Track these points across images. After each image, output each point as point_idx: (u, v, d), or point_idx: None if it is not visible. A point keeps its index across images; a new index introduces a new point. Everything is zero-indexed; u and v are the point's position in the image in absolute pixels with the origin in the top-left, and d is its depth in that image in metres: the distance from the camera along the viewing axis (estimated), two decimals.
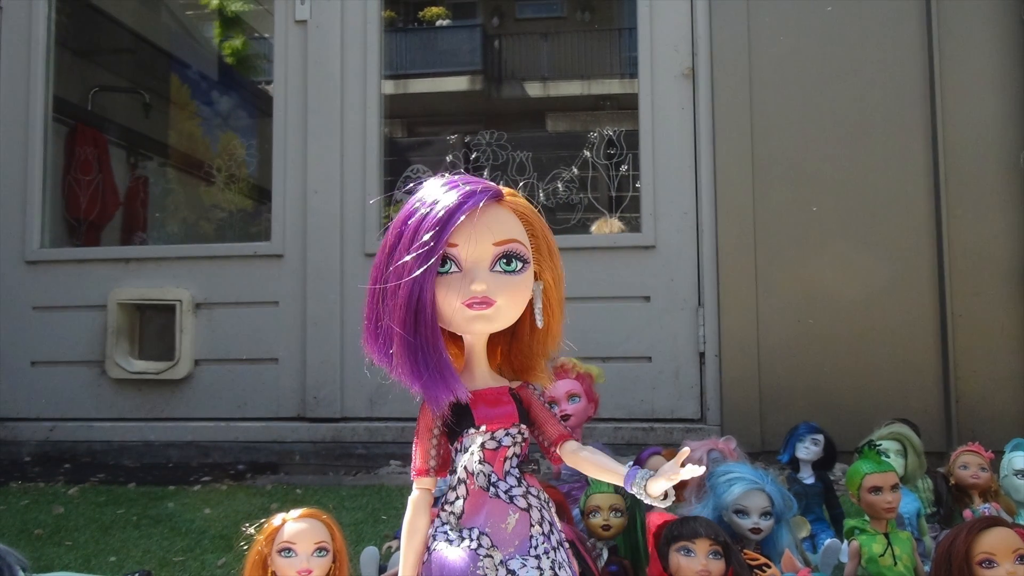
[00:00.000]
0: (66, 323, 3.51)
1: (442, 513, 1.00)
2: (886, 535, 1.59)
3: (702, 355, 3.19)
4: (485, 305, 0.96)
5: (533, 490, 1.01)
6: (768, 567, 1.49)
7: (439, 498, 1.03)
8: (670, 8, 3.32)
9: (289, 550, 1.25)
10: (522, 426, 1.02)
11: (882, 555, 1.57)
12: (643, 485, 0.91)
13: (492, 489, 0.99)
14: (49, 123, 3.70)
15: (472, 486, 0.99)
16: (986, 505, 1.91)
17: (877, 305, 3.07)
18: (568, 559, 1.00)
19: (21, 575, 1.42)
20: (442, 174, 1.00)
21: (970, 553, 1.24)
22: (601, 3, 6.05)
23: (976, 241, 3.04)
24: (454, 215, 0.93)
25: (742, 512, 1.60)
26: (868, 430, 2.04)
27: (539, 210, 1.04)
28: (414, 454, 1.02)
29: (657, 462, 1.86)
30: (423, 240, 0.93)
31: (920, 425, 2.10)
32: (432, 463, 1.01)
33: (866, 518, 1.63)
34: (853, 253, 3.10)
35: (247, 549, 1.28)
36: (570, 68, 5.93)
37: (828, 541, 1.79)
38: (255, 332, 3.43)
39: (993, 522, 1.28)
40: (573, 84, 5.77)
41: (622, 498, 1.61)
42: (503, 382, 1.05)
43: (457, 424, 1.00)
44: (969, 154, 3.06)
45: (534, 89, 5.99)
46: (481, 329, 1.00)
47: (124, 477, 3.06)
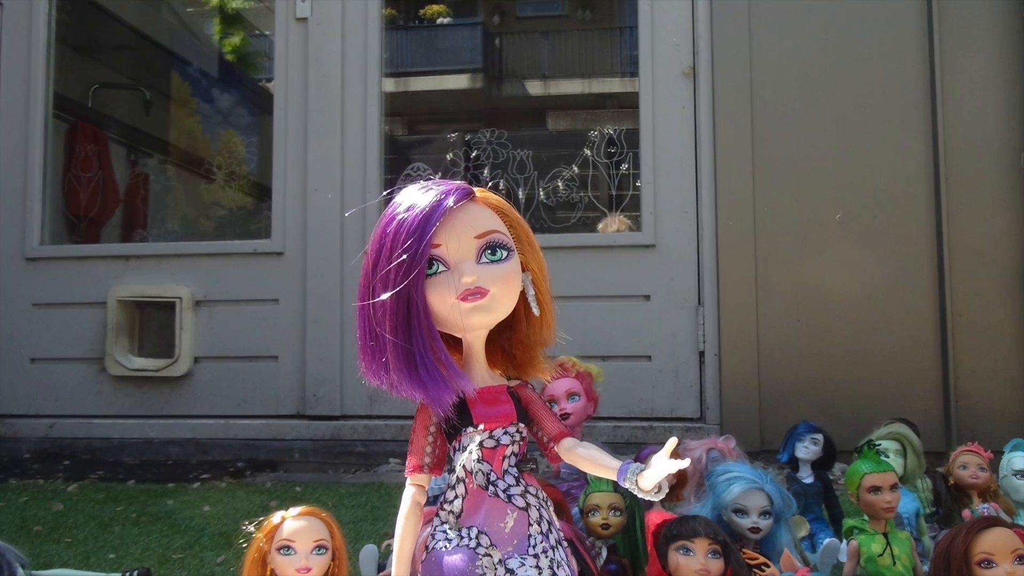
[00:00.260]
0: (66, 320, 3.52)
1: (441, 512, 1.00)
2: (885, 535, 1.59)
3: (702, 354, 3.19)
4: (479, 295, 0.97)
5: (532, 489, 1.02)
6: (767, 566, 1.49)
7: (437, 496, 1.03)
8: (671, 7, 3.32)
9: (288, 548, 1.24)
10: (520, 425, 1.02)
11: (881, 555, 1.57)
12: (634, 479, 0.92)
13: (491, 488, 0.99)
14: (49, 120, 3.70)
15: (471, 485, 0.99)
16: (985, 505, 1.91)
17: (877, 304, 3.07)
18: (567, 558, 1.01)
19: (20, 572, 1.43)
20: (452, 174, 1.01)
21: (969, 553, 1.24)
22: (602, 2, 6.04)
23: (976, 241, 3.04)
24: (432, 215, 0.95)
25: (741, 511, 1.60)
26: (867, 430, 2.04)
27: (521, 208, 1.05)
28: (410, 450, 1.02)
29: None
30: (406, 245, 0.93)
31: (919, 425, 2.10)
32: (427, 460, 1.01)
33: (865, 518, 1.63)
34: (853, 252, 3.10)
35: (246, 547, 1.28)
36: (571, 66, 5.92)
37: (827, 541, 1.79)
38: (255, 330, 3.43)
39: (992, 522, 1.28)
40: (574, 83, 5.76)
41: (621, 497, 1.61)
42: (502, 381, 1.05)
43: (456, 423, 1.00)
44: (969, 154, 3.06)
45: (535, 87, 5.98)
46: (479, 321, 0.99)
47: (123, 474, 3.06)
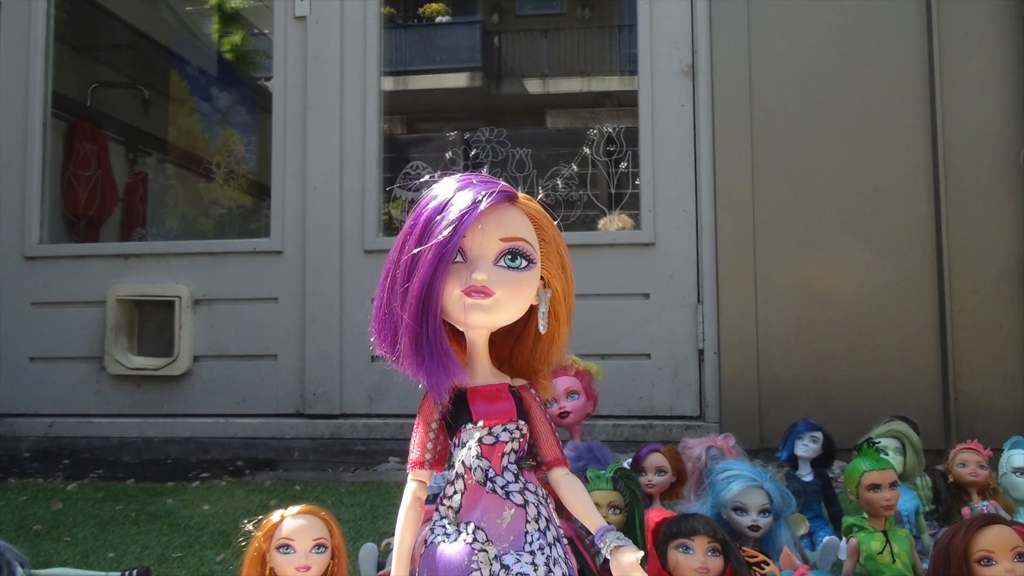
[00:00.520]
0: (65, 319, 3.51)
1: (440, 508, 1.01)
2: (884, 533, 1.59)
3: (701, 352, 3.19)
4: (483, 295, 0.96)
5: (531, 486, 1.02)
6: (766, 564, 1.49)
7: (437, 495, 1.03)
8: (670, 5, 3.31)
9: (287, 546, 1.24)
10: (521, 422, 1.02)
11: (880, 552, 1.57)
12: (611, 548, 0.95)
13: (489, 484, 0.99)
14: (48, 119, 3.69)
15: (469, 481, 1.00)
16: (985, 503, 1.91)
17: (876, 303, 3.07)
18: (565, 555, 1.01)
19: (20, 571, 1.43)
20: (453, 173, 1.01)
21: (968, 551, 1.24)
22: (601, 0, 6.04)
23: (976, 239, 3.04)
24: (470, 212, 0.95)
25: (741, 509, 1.60)
26: (867, 428, 2.03)
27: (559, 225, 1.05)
28: (411, 446, 1.03)
29: (656, 460, 1.87)
30: (441, 238, 0.94)
31: (919, 423, 2.10)
32: (428, 456, 1.01)
33: (865, 516, 1.63)
34: (853, 251, 3.10)
35: (245, 545, 1.28)
36: (570, 65, 5.92)
37: (826, 538, 1.79)
38: (254, 328, 3.43)
39: (992, 520, 1.28)
40: (573, 81, 5.76)
41: (621, 495, 1.61)
42: (504, 379, 1.05)
43: (456, 419, 1.01)
44: (969, 152, 3.06)
45: (534, 86, 5.98)
46: (478, 320, 0.99)
47: (123, 473, 3.06)
